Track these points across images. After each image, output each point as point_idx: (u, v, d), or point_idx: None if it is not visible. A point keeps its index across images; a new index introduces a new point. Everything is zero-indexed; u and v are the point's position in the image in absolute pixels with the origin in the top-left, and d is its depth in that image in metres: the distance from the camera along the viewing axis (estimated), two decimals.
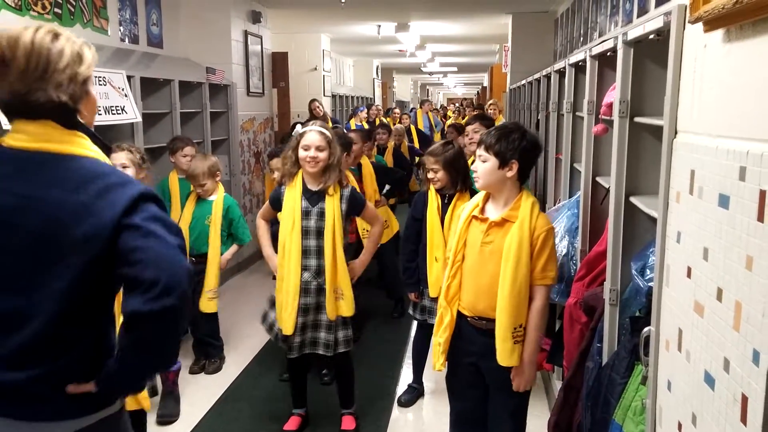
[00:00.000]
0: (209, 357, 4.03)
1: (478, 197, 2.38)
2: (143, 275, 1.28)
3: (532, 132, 2.42)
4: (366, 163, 4.59)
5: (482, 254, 2.28)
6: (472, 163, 2.47)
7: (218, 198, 3.87)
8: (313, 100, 8.17)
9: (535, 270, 2.23)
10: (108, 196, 1.34)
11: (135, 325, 1.31)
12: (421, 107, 11.40)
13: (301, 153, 2.91)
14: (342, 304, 2.98)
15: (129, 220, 1.33)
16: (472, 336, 2.35)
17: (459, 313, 2.37)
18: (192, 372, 3.96)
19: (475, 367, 2.39)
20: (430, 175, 3.23)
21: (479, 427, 2.52)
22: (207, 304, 3.78)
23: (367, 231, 3.88)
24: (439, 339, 2.40)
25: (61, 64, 1.34)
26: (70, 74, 1.35)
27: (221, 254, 3.86)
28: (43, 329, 1.33)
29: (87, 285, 1.36)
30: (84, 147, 1.39)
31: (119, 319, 1.37)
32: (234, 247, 3.95)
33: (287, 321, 2.93)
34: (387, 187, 4.90)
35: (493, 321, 2.26)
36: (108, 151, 1.47)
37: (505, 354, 2.24)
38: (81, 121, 1.41)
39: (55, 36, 1.36)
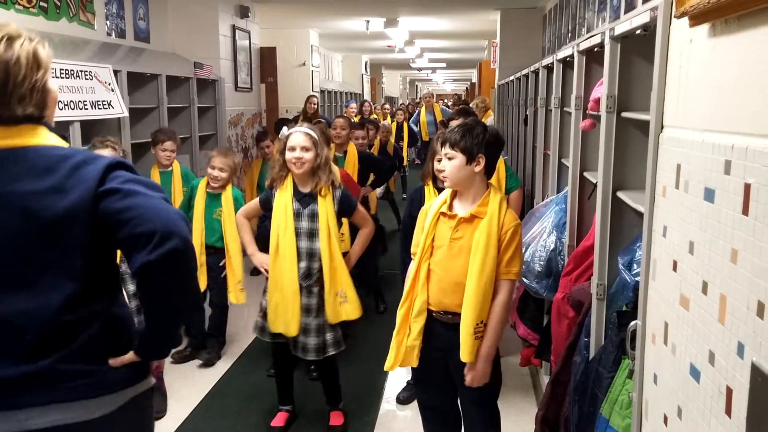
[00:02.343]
0: (206, 347, 4.04)
1: (445, 194, 2.37)
2: (138, 231, 1.30)
3: (492, 127, 2.42)
4: (351, 151, 4.58)
5: (451, 250, 2.28)
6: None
7: (227, 191, 3.93)
8: (311, 96, 8.12)
9: (500, 264, 2.24)
10: (77, 174, 1.35)
11: (147, 277, 1.33)
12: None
13: (287, 154, 2.89)
14: (347, 307, 2.94)
15: (105, 188, 1.34)
16: (439, 331, 2.34)
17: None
18: (175, 361, 3.96)
19: (444, 363, 2.37)
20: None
21: (449, 422, 2.54)
22: (238, 295, 3.86)
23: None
24: (413, 342, 2.37)
25: (20, 76, 1.31)
26: (30, 84, 1.33)
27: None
28: (61, 311, 1.35)
29: (89, 261, 1.38)
30: (42, 137, 1.39)
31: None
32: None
33: (291, 323, 2.89)
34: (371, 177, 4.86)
35: (458, 315, 2.25)
36: (66, 142, 1.47)
37: (467, 350, 2.23)
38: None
39: (9, 43, 1.31)
